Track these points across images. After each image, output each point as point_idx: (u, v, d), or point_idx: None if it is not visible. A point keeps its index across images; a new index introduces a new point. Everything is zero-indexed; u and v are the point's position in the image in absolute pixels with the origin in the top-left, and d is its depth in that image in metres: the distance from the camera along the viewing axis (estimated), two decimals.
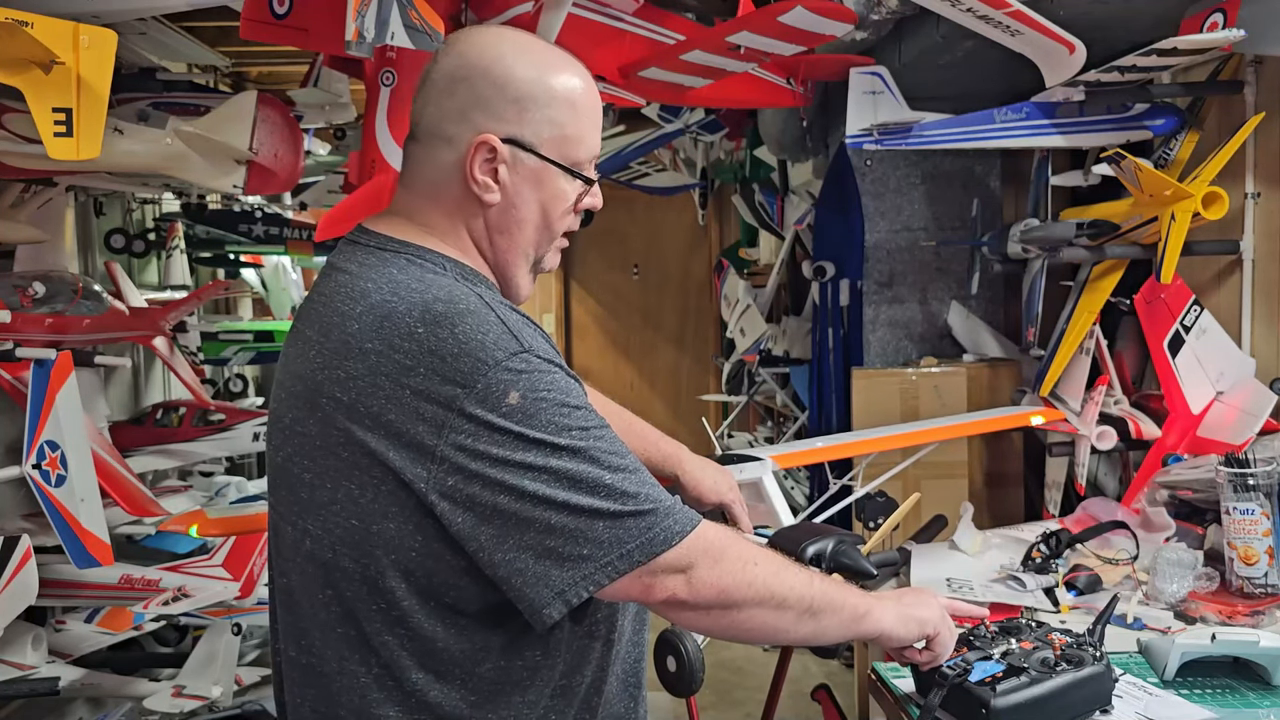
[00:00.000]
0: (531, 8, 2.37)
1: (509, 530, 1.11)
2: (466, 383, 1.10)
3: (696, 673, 1.51)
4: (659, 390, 7.46)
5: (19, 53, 1.70)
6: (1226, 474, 1.97)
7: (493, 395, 1.10)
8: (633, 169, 5.38)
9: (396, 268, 1.21)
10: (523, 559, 1.11)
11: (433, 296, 1.16)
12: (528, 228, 1.27)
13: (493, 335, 1.13)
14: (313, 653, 1.22)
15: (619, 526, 1.12)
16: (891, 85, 2.87)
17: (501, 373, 1.11)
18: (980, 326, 3.74)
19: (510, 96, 1.22)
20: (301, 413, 1.19)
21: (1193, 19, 2.34)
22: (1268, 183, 2.51)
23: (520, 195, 1.25)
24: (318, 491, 1.18)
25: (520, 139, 1.23)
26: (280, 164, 2.85)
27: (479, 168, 1.22)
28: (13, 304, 2.92)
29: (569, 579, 1.11)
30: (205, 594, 3.09)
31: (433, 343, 1.12)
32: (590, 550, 1.11)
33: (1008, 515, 3.30)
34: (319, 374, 1.18)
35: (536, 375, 1.13)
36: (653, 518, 1.13)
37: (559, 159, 1.25)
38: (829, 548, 1.55)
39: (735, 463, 1.97)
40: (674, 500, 1.17)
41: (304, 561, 1.21)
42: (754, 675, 4.33)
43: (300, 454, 1.20)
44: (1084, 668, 1.39)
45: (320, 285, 1.27)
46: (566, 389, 1.15)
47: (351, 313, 1.18)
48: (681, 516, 1.16)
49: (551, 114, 1.23)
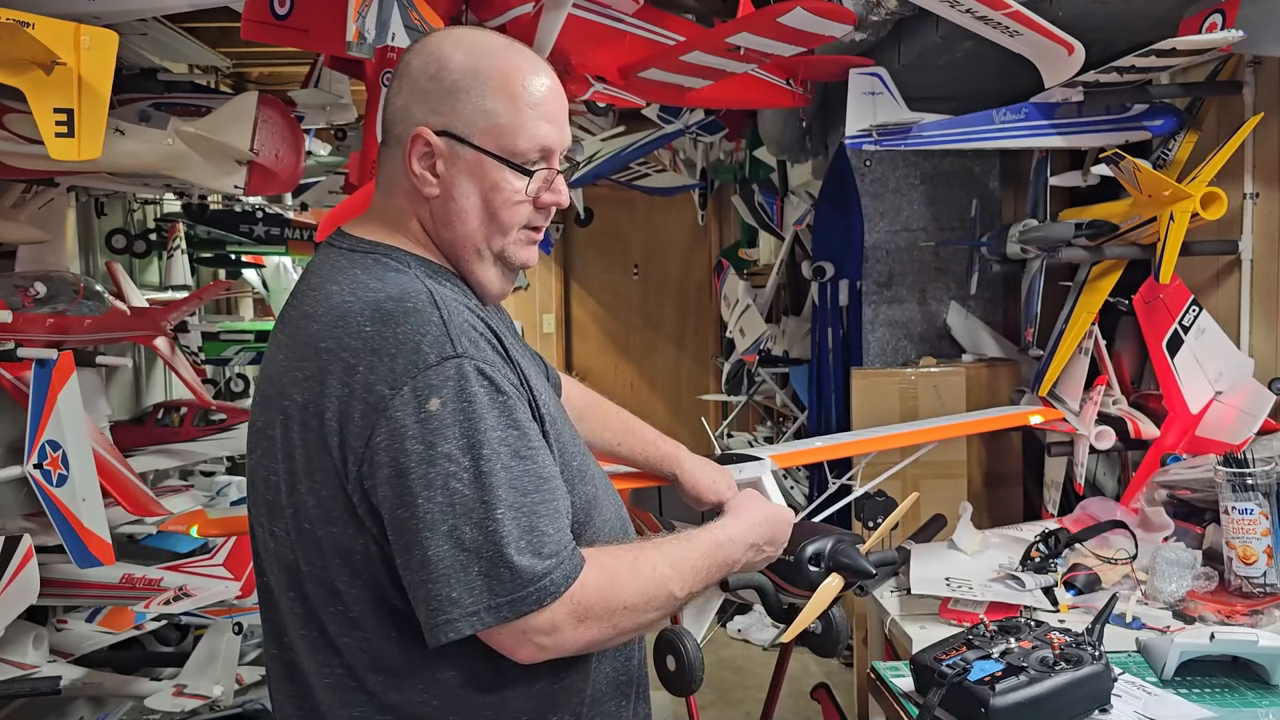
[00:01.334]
0: (531, 8, 2.38)
1: (402, 546, 1.11)
2: (396, 383, 1.10)
3: (696, 672, 1.51)
4: (659, 390, 7.46)
5: (20, 53, 1.71)
6: (1225, 474, 1.97)
7: (417, 398, 1.09)
8: (633, 169, 5.38)
9: (362, 268, 1.21)
10: (410, 579, 1.11)
11: (386, 295, 1.16)
12: (469, 219, 1.25)
13: (430, 337, 1.12)
14: (292, 650, 1.23)
15: (493, 577, 1.08)
16: (891, 86, 2.87)
17: (430, 376, 1.10)
18: (979, 326, 3.75)
19: (444, 88, 1.22)
20: (270, 415, 1.20)
21: (1191, 20, 2.34)
22: (1266, 183, 2.51)
23: (458, 187, 1.23)
24: (279, 494, 1.19)
25: (453, 130, 1.22)
26: (281, 164, 2.86)
27: (417, 161, 1.23)
28: (14, 304, 2.92)
29: (438, 620, 1.09)
30: (206, 593, 3.10)
31: (376, 341, 1.12)
32: (460, 594, 1.08)
33: (1007, 515, 3.30)
34: (284, 377, 1.19)
35: (462, 384, 1.10)
36: (529, 574, 1.09)
37: (494, 149, 1.22)
38: (828, 547, 1.56)
39: (734, 462, 1.97)
40: (560, 551, 1.13)
41: (273, 562, 1.23)
42: (754, 674, 4.33)
43: (267, 456, 1.21)
44: (1083, 667, 1.40)
45: (296, 289, 1.28)
46: (489, 405, 1.11)
47: (314, 314, 1.19)
48: (558, 575, 1.11)
49: (483, 104, 1.22)
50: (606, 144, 4.73)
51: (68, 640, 3.07)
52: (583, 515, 1.25)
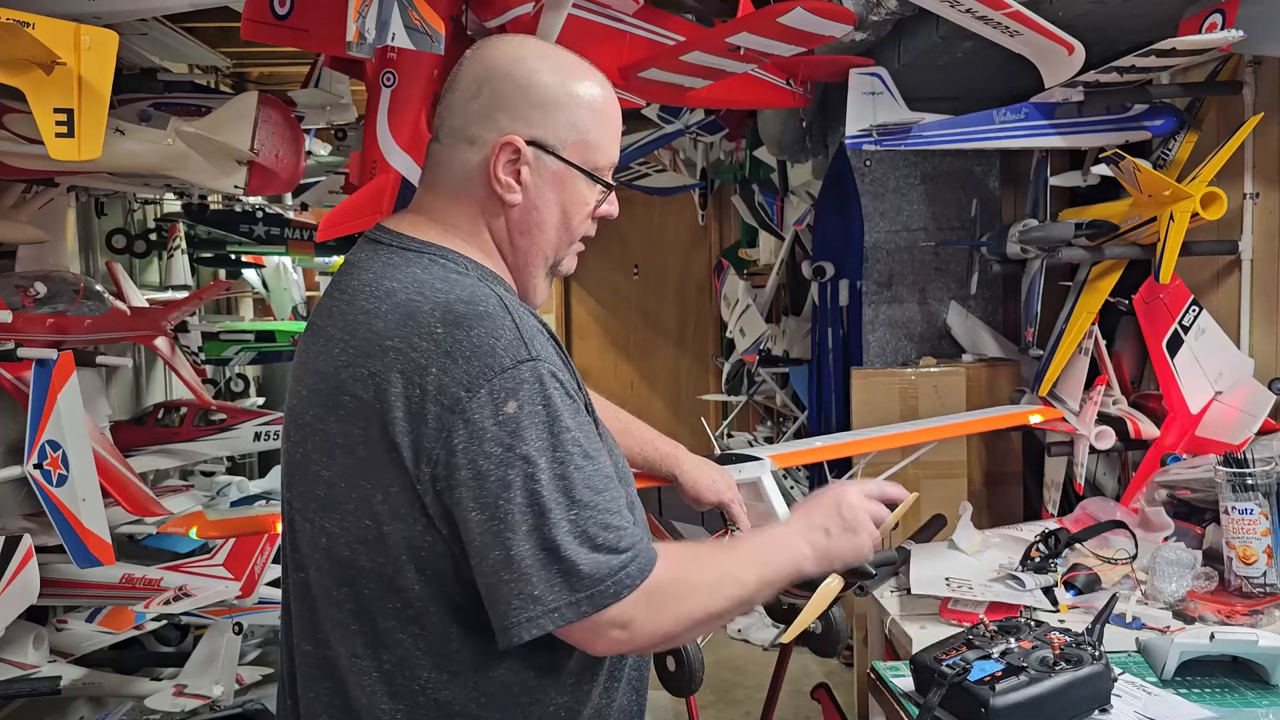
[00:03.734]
0: (532, 8, 2.38)
1: (479, 547, 1.12)
2: (472, 386, 1.11)
3: (696, 672, 1.51)
4: (659, 390, 7.46)
5: (20, 53, 1.71)
6: (1225, 474, 1.97)
7: (494, 401, 1.11)
8: (633, 169, 5.39)
9: (420, 267, 1.22)
10: (487, 580, 1.12)
11: (455, 296, 1.17)
12: (548, 229, 1.28)
13: (505, 340, 1.14)
14: (328, 646, 1.23)
15: (573, 574, 1.11)
16: (891, 86, 2.87)
17: (506, 379, 1.12)
18: (979, 326, 3.75)
19: (534, 100, 1.24)
20: (323, 410, 1.20)
21: (1191, 20, 2.34)
22: (1266, 183, 2.51)
23: (542, 196, 1.27)
24: (335, 490, 1.19)
25: (543, 141, 1.24)
26: (281, 164, 2.86)
27: (502, 168, 1.24)
28: (14, 304, 2.93)
29: (517, 617, 1.11)
30: (206, 593, 3.10)
31: (449, 343, 1.13)
32: (541, 591, 1.10)
33: (1007, 515, 3.30)
34: (342, 372, 1.18)
35: (537, 388, 1.13)
36: (605, 569, 1.12)
37: (580, 163, 1.27)
38: None
39: (734, 462, 1.97)
40: (634, 547, 1.15)
41: (321, 558, 1.22)
42: (754, 674, 4.33)
43: (319, 451, 1.20)
44: (1083, 667, 1.40)
45: (342, 283, 1.27)
46: (562, 408, 1.15)
47: (377, 311, 1.18)
48: (634, 568, 1.14)
49: (574, 119, 1.25)
50: None
51: (68, 640, 3.08)
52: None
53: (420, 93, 2.43)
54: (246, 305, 6.10)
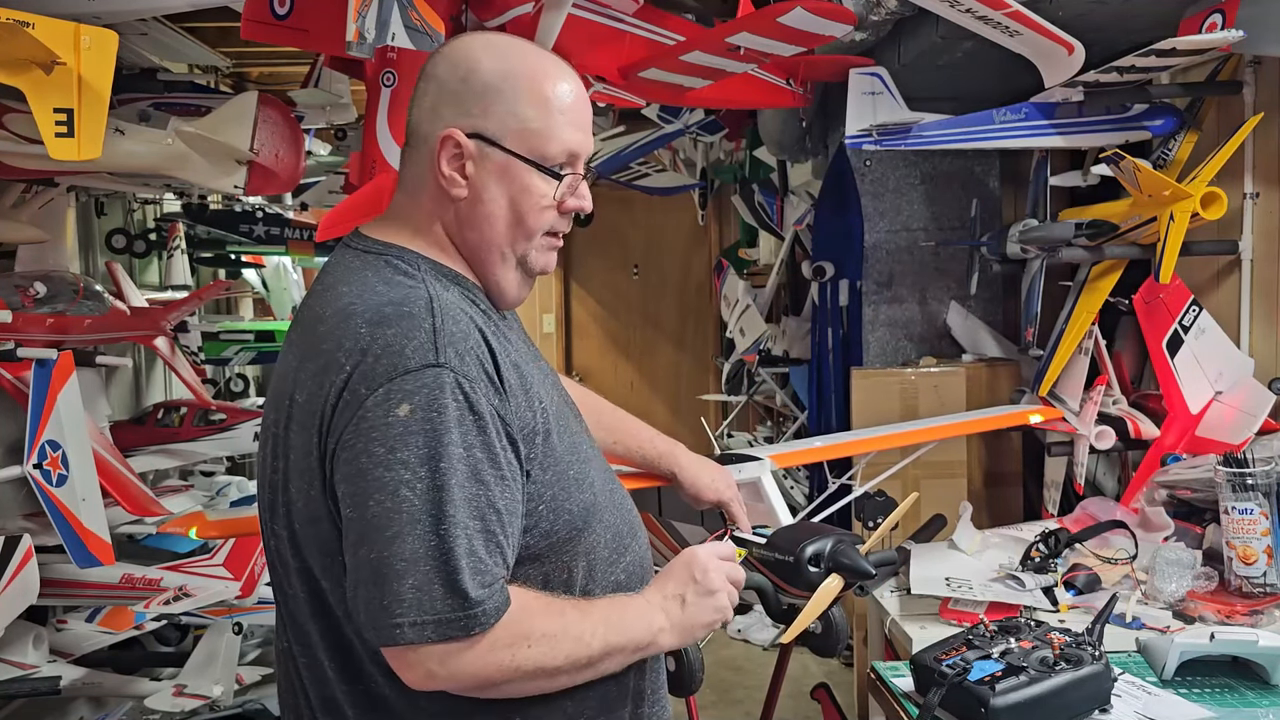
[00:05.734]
0: (532, 8, 2.38)
1: (349, 544, 1.11)
2: (373, 385, 1.10)
3: (696, 673, 1.51)
4: (659, 390, 7.46)
5: (20, 53, 1.71)
6: (1225, 474, 1.97)
7: (388, 401, 1.09)
8: (633, 169, 5.38)
9: (373, 270, 1.22)
10: (350, 577, 1.11)
11: (388, 299, 1.17)
12: (497, 223, 1.26)
13: (416, 342, 1.12)
14: (300, 643, 1.24)
15: (424, 593, 1.06)
16: (891, 86, 2.87)
17: (406, 382, 1.10)
18: (979, 326, 3.75)
19: (475, 91, 1.23)
20: (279, 414, 1.21)
21: (1191, 20, 2.35)
22: (1266, 183, 2.51)
23: (486, 190, 1.24)
24: (281, 492, 1.20)
25: (484, 132, 1.23)
26: (281, 164, 2.86)
27: (446, 163, 1.23)
28: (14, 304, 2.92)
29: (365, 620, 1.09)
30: (206, 593, 3.10)
31: (366, 342, 1.13)
32: (390, 603, 1.07)
33: (1007, 515, 3.30)
34: (291, 375, 1.20)
35: (436, 394, 1.10)
36: (462, 599, 1.07)
37: (525, 153, 1.23)
38: (828, 547, 1.56)
39: (734, 462, 1.97)
40: (494, 584, 1.10)
41: (274, 558, 1.25)
42: (754, 674, 4.33)
43: (274, 455, 1.22)
44: (1083, 667, 1.40)
45: (312, 288, 1.29)
46: (455, 421, 1.10)
47: (323, 315, 1.20)
48: (490, 606, 1.09)
49: (515, 107, 1.23)
50: (606, 144, 4.74)
51: (68, 640, 3.07)
52: (580, 522, 1.25)
53: None
54: (246, 305, 6.10)
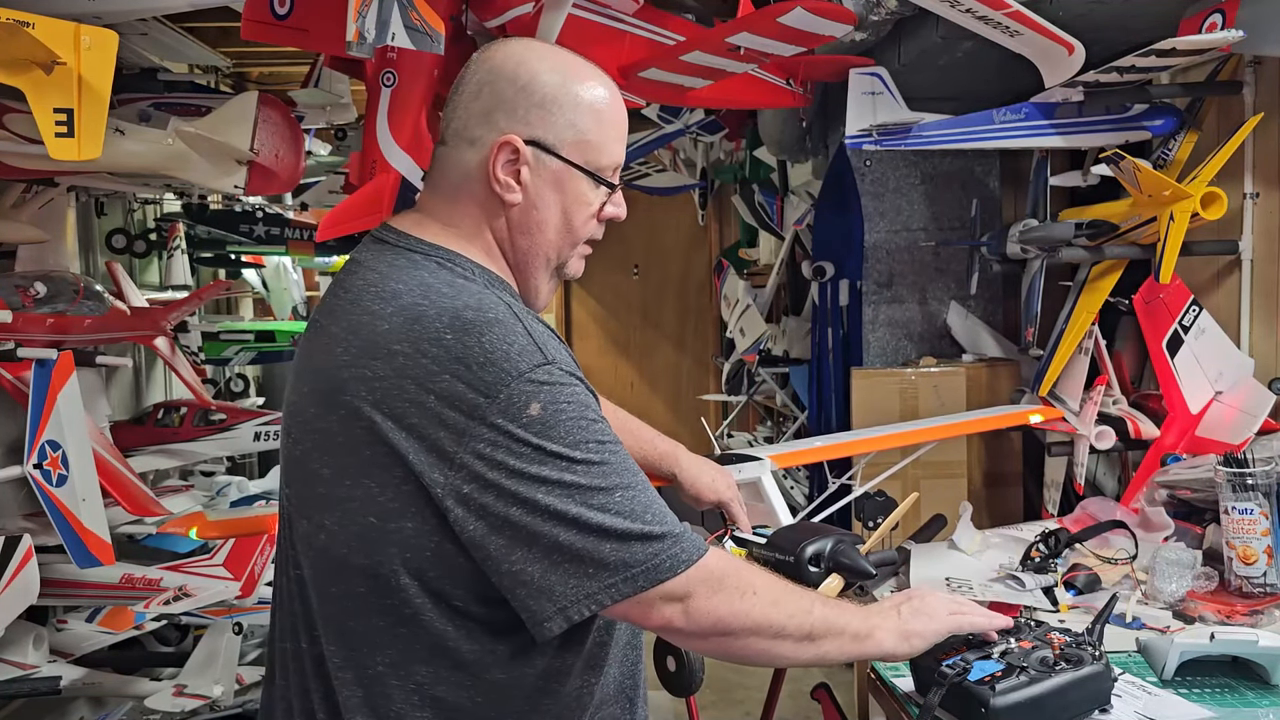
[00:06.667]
0: (532, 8, 2.38)
1: (518, 542, 1.12)
2: (490, 392, 1.12)
3: (696, 673, 1.51)
4: (659, 390, 7.46)
5: (20, 53, 1.71)
6: (1225, 474, 1.97)
7: (514, 406, 1.12)
8: (633, 169, 5.39)
9: (427, 271, 1.22)
10: (529, 571, 1.13)
11: (463, 303, 1.17)
12: (549, 229, 1.29)
13: (518, 346, 1.15)
14: (322, 645, 1.23)
15: (625, 549, 1.13)
16: (891, 86, 2.87)
17: (525, 384, 1.13)
18: (979, 326, 3.75)
19: (534, 100, 1.25)
20: (323, 408, 1.20)
21: (1191, 20, 2.35)
22: (1266, 183, 2.51)
23: (541, 197, 1.27)
24: (335, 487, 1.19)
25: (543, 141, 1.25)
26: (281, 164, 2.86)
27: (501, 168, 1.25)
28: (14, 304, 2.92)
29: (572, 595, 1.13)
30: (206, 593, 3.10)
31: (459, 350, 1.13)
32: (595, 570, 1.13)
33: (1007, 515, 3.30)
34: (344, 371, 1.18)
35: (558, 388, 1.15)
36: (659, 544, 1.15)
37: (581, 163, 1.27)
38: (828, 547, 1.55)
39: (734, 462, 1.97)
40: (683, 527, 1.19)
41: (317, 556, 1.23)
42: (754, 674, 4.33)
43: (319, 449, 1.20)
44: (1083, 667, 1.39)
45: (346, 282, 1.27)
46: (585, 403, 1.17)
47: (382, 313, 1.19)
48: (688, 544, 1.18)
49: (574, 118, 1.26)
50: None
51: (68, 640, 3.07)
52: None
53: (420, 93, 2.43)
54: (246, 305, 6.10)
